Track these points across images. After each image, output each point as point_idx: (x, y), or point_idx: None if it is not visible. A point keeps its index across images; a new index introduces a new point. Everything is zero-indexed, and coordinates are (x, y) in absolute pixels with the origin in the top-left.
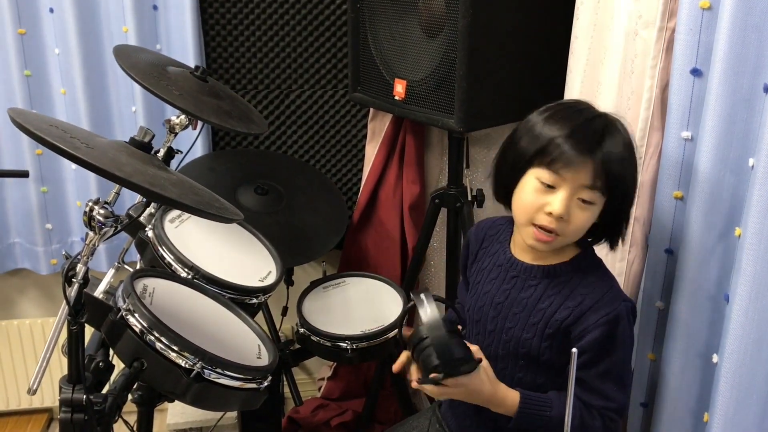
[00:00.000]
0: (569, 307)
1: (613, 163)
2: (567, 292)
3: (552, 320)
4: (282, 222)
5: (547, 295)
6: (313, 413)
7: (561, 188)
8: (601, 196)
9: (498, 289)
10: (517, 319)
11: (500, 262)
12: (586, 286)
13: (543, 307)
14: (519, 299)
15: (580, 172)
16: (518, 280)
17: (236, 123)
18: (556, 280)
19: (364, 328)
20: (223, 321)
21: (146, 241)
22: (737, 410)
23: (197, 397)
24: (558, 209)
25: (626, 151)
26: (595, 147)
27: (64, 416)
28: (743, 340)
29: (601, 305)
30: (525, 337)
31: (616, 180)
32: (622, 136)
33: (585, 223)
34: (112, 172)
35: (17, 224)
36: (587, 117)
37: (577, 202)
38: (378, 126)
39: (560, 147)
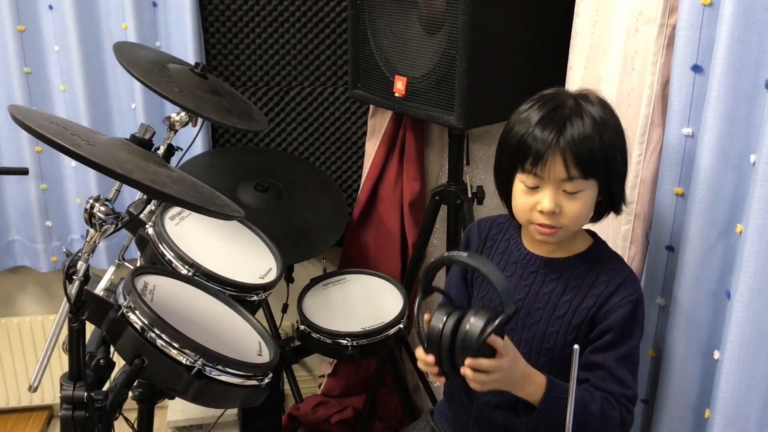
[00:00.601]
0: (594, 295)
1: (579, 147)
2: (590, 281)
3: (579, 310)
4: (282, 219)
5: (570, 287)
6: (313, 410)
7: (544, 186)
8: (586, 181)
9: (516, 286)
10: (540, 315)
11: (515, 259)
12: (608, 272)
13: (568, 299)
14: (541, 294)
15: (553, 168)
16: (537, 275)
17: (236, 120)
18: (576, 271)
19: (365, 325)
20: (223, 318)
21: (146, 238)
22: (738, 406)
23: (198, 395)
24: (547, 206)
25: (595, 128)
26: (558, 137)
27: (65, 413)
28: (744, 337)
29: (624, 286)
30: (550, 331)
31: (590, 163)
32: (591, 113)
33: (580, 210)
34: (113, 169)
35: (17, 221)
36: (553, 107)
37: (563, 194)
38: (378, 123)
39: (530, 147)
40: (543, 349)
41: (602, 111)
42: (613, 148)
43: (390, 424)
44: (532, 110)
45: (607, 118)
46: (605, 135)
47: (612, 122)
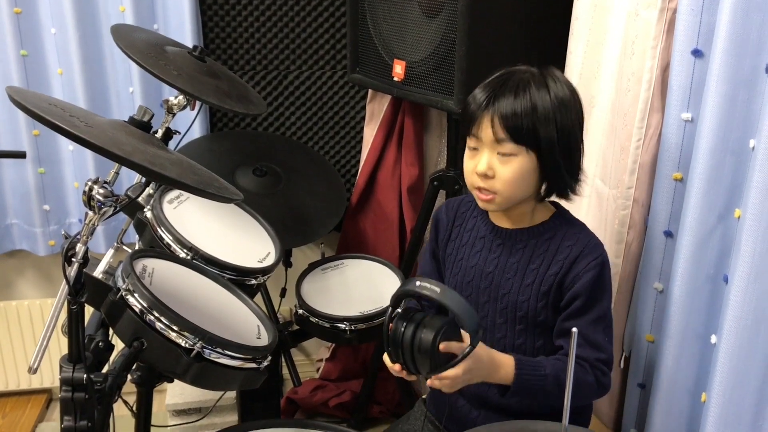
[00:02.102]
0: (559, 261)
1: (506, 110)
2: (554, 247)
3: (546, 277)
4: (280, 203)
5: (536, 255)
6: (311, 394)
7: (481, 149)
8: (518, 147)
9: (486, 260)
10: (510, 284)
11: (482, 234)
12: (571, 237)
13: (534, 267)
14: (509, 264)
15: (485, 129)
16: (504, 246)
17: (235, 103)
18: (541, 239)
19: (363, 309)
20: (222, 301)
21: (145, 222)
22: (735, 390)
23: (197, 377)
24: (480, 168)
25: (532, 96)
26: (490, 100)
27: (64, 395)
28: (742, 321)
29: (588, 251)
30: (521, 299)
31: (516, 127)
32: (539, 91)
33: (513, 175)
34: (111, 151)
35: (15, 205)
36: (506, 76)
37: (498, 157)
38: (377, 107)
39: (468, 110)
40: (517, 317)
41: (556, 87)
42: (547, 119)
43: (387, 408)
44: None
45: (550, 95)
46: (539, 105)
47: (556, 98)
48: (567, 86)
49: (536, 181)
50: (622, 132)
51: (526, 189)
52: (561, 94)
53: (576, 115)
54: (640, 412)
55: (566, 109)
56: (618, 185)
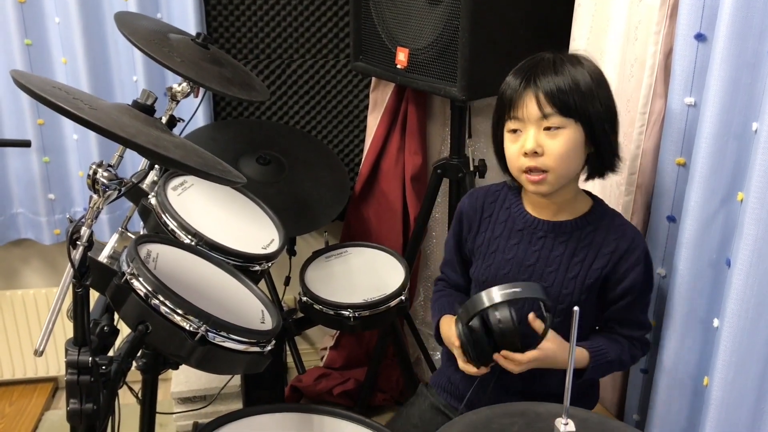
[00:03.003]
0: (606, 254)
1: (549, 85)
2: (600, 240)
3: (591, 270)
4: (284, 192)
5: (580, 248)
6: (315, 382)
7: (525, 128)
8: (566, 119)
9: (525, 252)
10: (553, 278)
11: (520, 226)
12: (616, 230)
13: (579, 260)
14: (552, 257)
15: (529, 107)
16: (546, 239)
17: (238, 90)
18: (584, 231)
19: (366, 297)
20: (226, 286)
21: (149, 208)
22: (737, 373)
23: (202, 360)
24: (529, 145)
25: (569, 70)
26: (530, 78)
27: (70, 378)
28: (744, 304)
29: (635, 245)
30: (564, 293)
31: (561, 98)
32: (566, 62)
33: (562, 149)
34: (115, 133)
35: (20, 194)
36: (537, 59)
37: (545, 133)
38: (380, 96)
39: (506, 94)
40: (557, 310)
41: (587, 71)
42: (590, 90)
43: (391, 396)
44: (517, 68)
45: (584, 66)
46: (579, 77)
47: (590, 68)
48: (588, 63)
49: (583, 157)
50: (625, 118)
51: (577, 164)
52: (596, 71)
53: (604, 83)
54: (643, 398)
55: (604, 85)
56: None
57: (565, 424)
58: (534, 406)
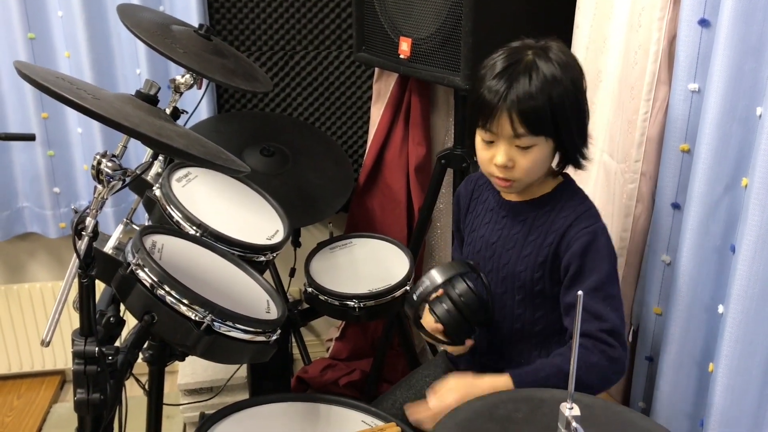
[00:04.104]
0: (554, 231)
1: (524, 106)
2: (552, 219)
3: (542, 248)
4: (288, 183)
5: (535, 227)
6: (321, 373)
7: (498, 141)
8: (536, 137)
9: (491, 231)
10: (510, 255)
11: (491, 206)
12: (568, 209)
13: (533, 239)
14: (511, 236)
15: (502, 125)
16: (508, 218)
17: (241, 81)
18: (541, 211)
19: (371, 287)
20: (231, 277)
21: (154, 200)
22: (742, 359)
23: (207, 350)
24: (500, 161)
25: (545, 86)
26: (506, 96)
27: (77, 368)
28: (749, 290)
29: (581, 220)
30: (518, 270)
31: (536, 121)
32: (543, 70)
33: (533, 164)
34: (119, 122)
35: (25, 188)
36: (509, 63)
37: (517, 149)
38: (383, 87)
39: (482, 105)
40: (516, 287)
41: (558, 67)
42: (563, 106)
43: None
44: (489, 67)
45: (561, 76)
46: (554, 93)
47: (567, 78)
48: (561, 59)
49: (552, 159)
50: (629, 106)
51: (543, 170)
52: (559, 73)
53: (578, 87)
54: (648, 385)
55: (568, 87)
56: (626, 159)
57: (570, 409)
58: (538, 392)
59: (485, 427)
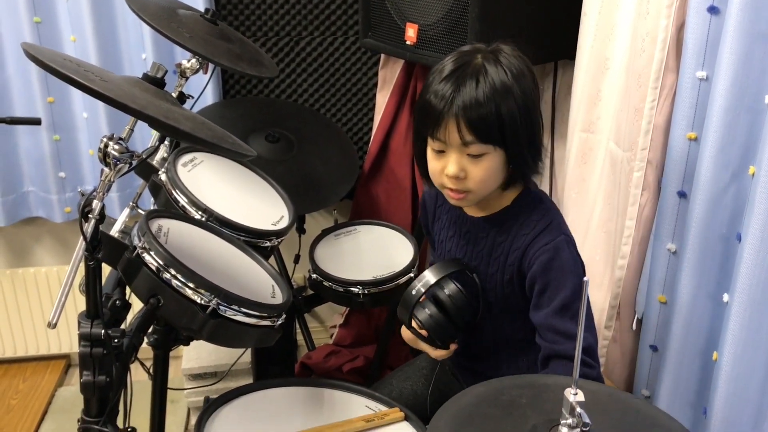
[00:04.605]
0: (516, 248)
1: (471, 114)
2: (513, 236)
3: (506, 266)
4: (293, 170)
5: (497, 244)
6: (325, 359)
7: (449, 151)
8: (486, 146)
9: (456, 246)
10: (478, 272)
11: (453, 219)
12: (528, 225)
13: (496, 256)
14: (475, 253)
15: (451, 133)
16: (470, 235)
17: (247, 66)
18: (502, 227)
19: (376, 274)
20: (237, 261)
21: (159, 184)
22: (746, 347)
23: (213, 334)
24: (451, 171)
25: (492, 94)
26: (451, 103)
27: (83, 350)
28: (754, 278)
29: (542, 236)
30: (488, 287)
31: (483, 129)
32: (492, 77)
33: (485, 174)
34: (126, 104)
35: (30, 173)
36: (457, 66)
37: (468, 158)
38: (389, 74)
39: (428, 113)
40: (490, 302)
41: (508, 74)
42: (512, 116)
43: None
44: (438, 71)
45: (510, 84)
46: (503, 103)
47: (517, 87)
48: (519, 60)
49: (505, 173)
50: (636, 94)
51: (498, 181)
52: (508, 81)
53: (529, 96)
54: (652, 374)
55: (519, 97)
56: (632, 147)
57: (574, 394)
58: (543, 378)
59: (489, 412)
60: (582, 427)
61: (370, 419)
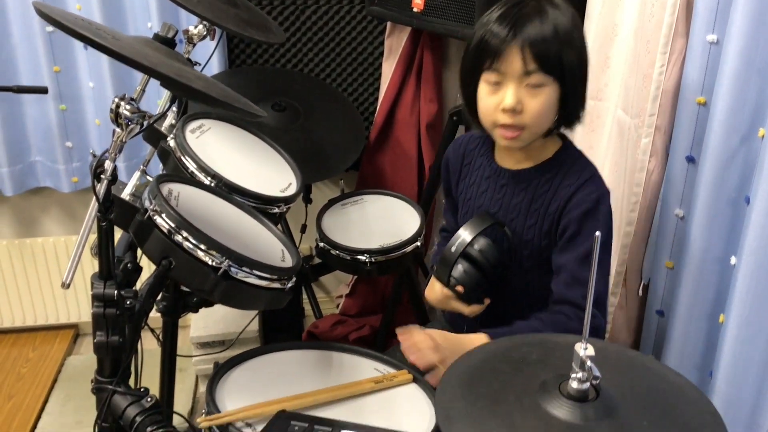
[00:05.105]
0: (559, 198)
1: (536, 40)
2: (555, 187)
3: (546, 216)
4: (299, 139)
5: (537, 195)
6: (331, 328)
7: (506, 82)
8: (546, 77)
9: (490, 200)
10: (514, 225)
11: (488, 174)
12: (572, 175)
13: (536, 207)
14: (513, 205)
15: (513, 62)
16: (508, 187)
17: (254, 32)
18: (543, 178)
19: (383, 242)
20: (246, 226)
21: (168, 150)
22: (753, 309)
23: (225, 295)
24: (508, 102)
25: (553, 26)
26: (517, 32)
27: (96, 310)
28: (762, 241)
29: (587, 186)
30: (525, 239)
31: (546, 56)
32: (549, 13)
33: (541, 108)
34: (139, 62)
35: (37, 143)
36: (512, 4)
37: (526, 90)
38: (395, 42)
39: (488, 44)
40: (524, 256)
41: (563, 12)
42: (572, 53)
43: None
44: (491, 13)
45: (569, 24)
46: (565, 39)
47: (573, 24)
48: (565, 8)
49: (556, 113)
50: (645, 59)
51: (550, 121)
52: (576, 21)
53: (581, 38)
54: (658, 340)
55: (579, 31)
56: (640, 114)
57: (585, 349)
58: (552, 337)
59: (499, 368)
60: (592, 379)
61: (379, 380)
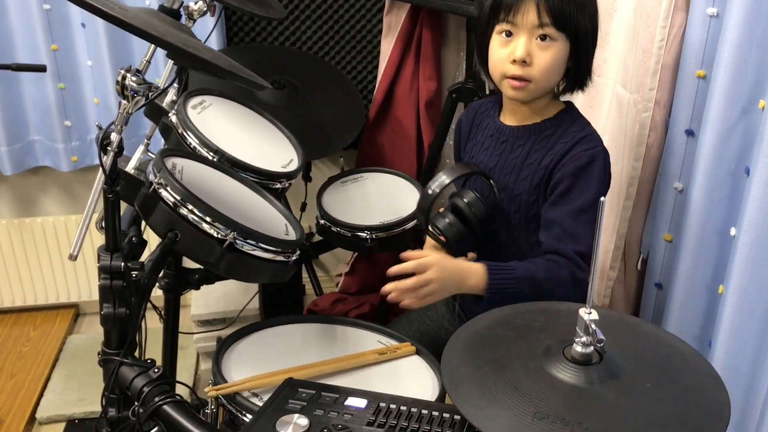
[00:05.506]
0: (552, 153)
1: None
2: (552, 143)
3: (538, 169)
4: (299, 116)
5: (534, 150)
6: (331, 306)
7: (518, 34)
8: (559, 33)
9: (490, 156)
10: (507, 180)
11: (491, 132)
12: (569, 134)
13: (530, 162)
14: (509, 160)
15: (528, 14)
16: (507, 143)
17: (255, 6)
18: (541, 135)
19: (383, 219)
20: (250, 200)
21: (170, 125)
22: (752, 279)
23: (230, 267)
24: (519, 53)
25: None
26: None
27: (103, 283)
28: (762, 211)
29: (581, 144)
30: (515, 193)
31: (561, 11)
32: None
33: (550, 63)
34: (147, 31)
35: (36, 121)
36: None
37: (536, 43)
38: (394, 20)
39: None
40: (512, 211)
41: None
42: (585, 16)
43: None
44: None
45: None
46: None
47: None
48: None
49: (563, 72)
50: (644, 34)
51: (557, 78)
52: None
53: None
54: (656, 312)
55: (594, 1)
56: (639, 89)
57: (588, 314)
58: (555, 305)
59: (503, 335)
60: (597, 343)
61: (383, 352)
